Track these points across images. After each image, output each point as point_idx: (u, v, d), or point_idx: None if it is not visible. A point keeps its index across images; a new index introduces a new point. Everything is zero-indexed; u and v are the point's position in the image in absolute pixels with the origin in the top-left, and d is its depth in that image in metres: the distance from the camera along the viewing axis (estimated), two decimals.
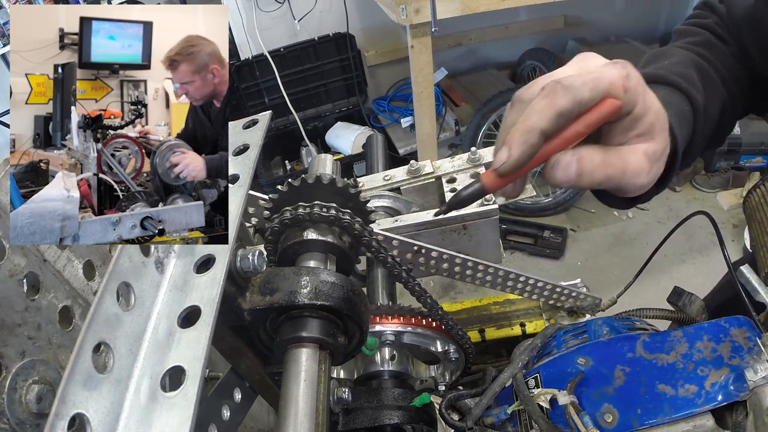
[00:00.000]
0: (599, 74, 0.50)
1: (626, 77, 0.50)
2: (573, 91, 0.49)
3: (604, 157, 0.53)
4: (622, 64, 0.52)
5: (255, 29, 3.40)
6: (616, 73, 0.50)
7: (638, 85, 0.52)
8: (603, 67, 0.52)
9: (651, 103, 0.53)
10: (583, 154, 0.52)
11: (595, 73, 0.50)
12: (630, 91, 0.51)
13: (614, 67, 0.51)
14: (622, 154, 0.54)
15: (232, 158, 0.66)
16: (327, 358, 0.59)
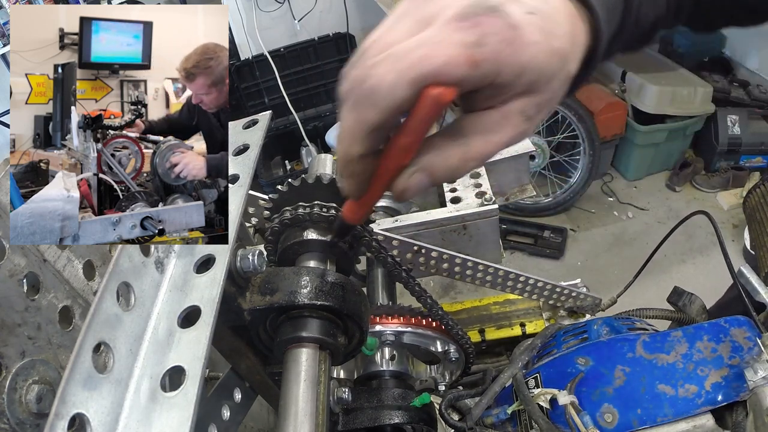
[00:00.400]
0: (422, 58, 0.36)
1: (475, 44, 0.36)
2: (380, 99, 0.36)
3: (463, 152, 0.41)
4: (474, 19, 0.36)
5: (255, 29, 3.40)
6: (454, 47, 0.36)
7: (501, 48, 0.37)
8: (439, 32, 0.37)
9: (530, 61, 0.38)
10: (432, 163, 0.41)
11: (416, 53, 0.36)
12: (485, 62, 0.36)
13: (456, 31, 0.36)
14: (488, 128, 0.41)
15: (232, 158, 0.66)
16: (327, 358, 0.59)
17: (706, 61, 3.74)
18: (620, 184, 3.62)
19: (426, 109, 0.37)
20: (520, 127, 0.41)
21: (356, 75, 0.38)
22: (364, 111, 0.38)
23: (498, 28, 0.36)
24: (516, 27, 0.37)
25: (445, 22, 0.37)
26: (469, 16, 0.36)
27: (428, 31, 0.37)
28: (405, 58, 0.36)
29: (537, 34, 0.38)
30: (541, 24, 0.38)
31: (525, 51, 0.38)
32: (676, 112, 3.20)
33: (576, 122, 3.09)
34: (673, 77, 3.27)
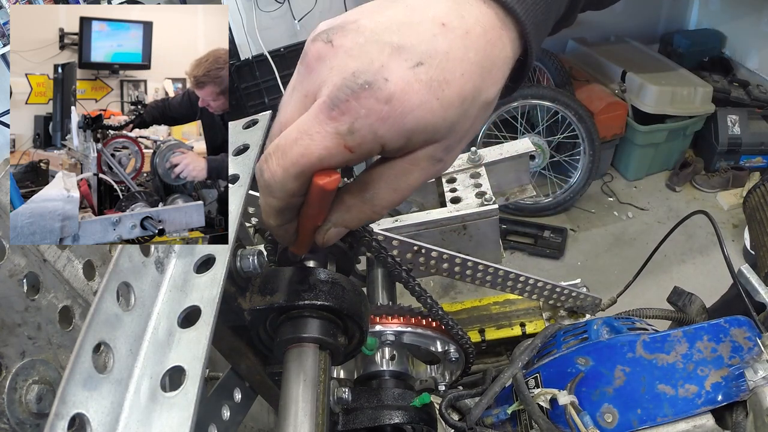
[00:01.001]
0: (300, 156, 0.37)
1: (348, 132, 0.36)
2: (276, 190, 0.40)
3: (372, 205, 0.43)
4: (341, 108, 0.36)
5: (255, 29, 3.40)
6: (327, 141, 0.37)
7: (377, 127, 0.37)
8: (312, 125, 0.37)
9: (415, 124, 0.37)
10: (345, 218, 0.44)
11: (296, 150, 0.38)
12: (363, 145, 0.37)
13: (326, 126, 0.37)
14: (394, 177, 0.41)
15: (232, 158, 0.66)
16: (327, 358, 0.59)
17: (706, 61, 3.75)
18: (620, 184, 3.62)
19: (317, 196, 0.41)
20: (429, 170, 0.42)
21: (258, 166, 0.41)
22: (268, 198, 0.42)
23: (368, 108, 0.36)
24: (390, 99, 0.36)
25: (319, 110, 0.37)
26: (338, 102, 0.36)
27: (306, 119, 0.38)
28: (288, 155, 0.38)
29: (422, 92, 0.37)
30: (430, 76, 0.37)
31: (405, 119, 0.37)
32: (676, 112, 3.21)
33: (576, 122, 3.10)
34: (673, 77, 3.27)
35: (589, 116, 3.09)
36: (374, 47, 0.37)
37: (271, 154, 0.40)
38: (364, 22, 0.38)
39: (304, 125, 0.38)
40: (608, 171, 3.66)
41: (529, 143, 1.06)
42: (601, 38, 4.09)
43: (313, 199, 0.41)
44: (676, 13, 4.18)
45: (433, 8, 0.38)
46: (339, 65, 0.37)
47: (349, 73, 0.36)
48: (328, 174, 0.39)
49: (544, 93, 3.06)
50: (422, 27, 0.38)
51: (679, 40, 3.83)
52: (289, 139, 0.38)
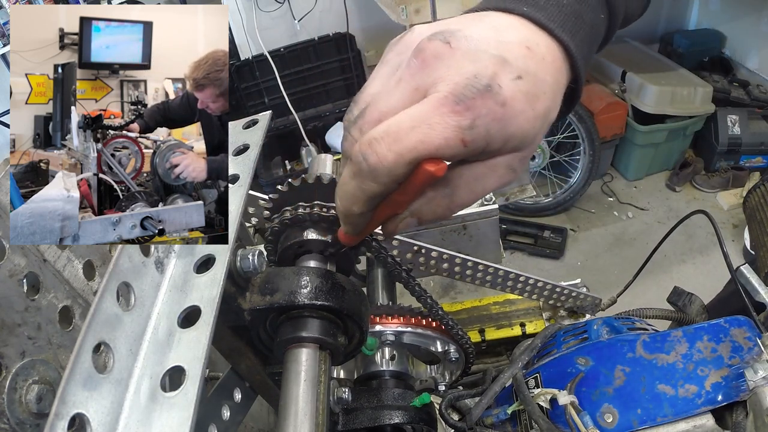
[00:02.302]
0: (419, 140, 0.38)
1: (468, 128, 0.38)
2: (381, 175, 0.40)
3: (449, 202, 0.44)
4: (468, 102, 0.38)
5: (255, 29, 3.40)
6: (450, 131, 0.38)
7: (491, 126, 0.39)
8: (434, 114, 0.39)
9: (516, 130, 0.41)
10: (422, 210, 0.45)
11: (414, 135, 0.38)
12: (477, 140, 0.39)
13: (448, 119, 0.38)
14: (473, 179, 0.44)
15: (232, 158, 0.66)
16: (327, 358, 0.59)
17: (706, 61, 3.74)
18: (620, 184, 3.62)
19: (422, 181, 0.40)
20: (505, 178, 0.45)
21: (360, 150, 0.40)
22: (366, 183, 0.41)
23: (489, 108, 0.39)
24: (505, 103, 0.40)
25: (440, 103, 0.39)
26: (464, 99, 0.38)
27: (424, 109, 0.39)
28: (404, 140, 0.39)
29: (523, 102, 0.41)
30: (528, 89, 0.41)
31: (512, 123, 0.40)
32: (676, 112, 3.20)
33: (576, 122, 3.09)
34: (673, 77, 3.27)
35: (589, 116, 3.09)
36: (485, 56, 0.40)
37: (378, 139, 0.40)
38: (469, 32, 0.41)
39: (421, 115, 0.39)
40: (608, 171, 3.66)
41: None
42: None
43: (414, 187, 0.41)
44: (676, 13, 4.18)
45: (516, 32, 0.42)
46: (458, 66, 0.40)
47: (471, 74, 0.39)
48: (436, 162, 0.39)
49: None
50: (514, 46, 0.41)
51: (679, 40, 3.82)
52: (403, 127, 0.39)
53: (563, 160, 3.27)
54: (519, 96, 0.40)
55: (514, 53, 0.41)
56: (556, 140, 3.18)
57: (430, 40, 0.41)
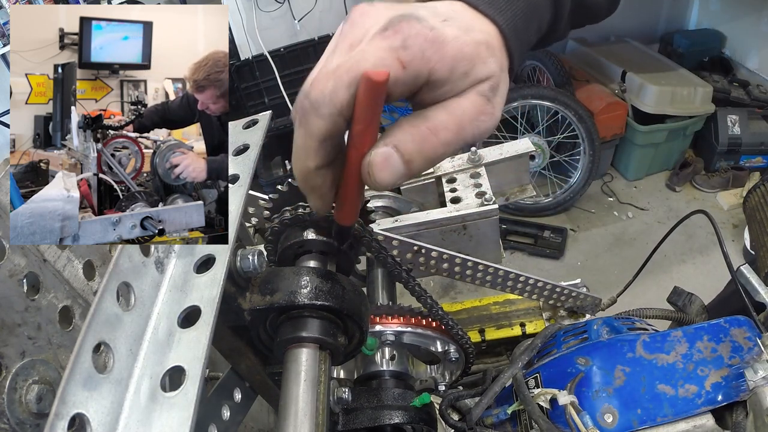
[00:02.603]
0: (354, 63, 0.39)
1: (401, 47, 0.39)
2: (323, 107, 0.39)
3: (430, 125, 0.42)
4: (396, 27, 0.39)
5: (255, 29, 3.40)
6: (382, 49, 0.39)
7: (426, 47, 0.40)
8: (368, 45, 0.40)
9: (457, 53, 0.41)
10: (399, 138, 0.42)
11: (350, 62, 0.39)
12: (413, 61, 0.39)
13: (382, 39, 0.39)
14: (450, 109, 0.42)
15: (232, 158, 0.66)
16: (327, 358, 0.59)
17: (706, 61, 3.74)
18: (620, 184, 3.62)
19: (367, 92, 0.38)
20: (479, 103, 0.43)
21: (299, 97, 0.41)
22: (311, 123, 0.40)
23: (418, 30, 0.40)
24: (433, 28, 0.40)
25: (371, 37, 0.40)
26: (390, 25, 0.40)
27: (358, 47, 0.40)
28: (339, 68, 0.39)
29: (455, 31, 0.42)
30: (458, 25, 0.42)
31: (448, 46, 0.41)
32: (676, 112, 3.20)
33: (576, 122, 3.09)
34: (673, 77, 3.27)
35: (589, 116, 3.09)
36: (410, 7, 0.42)
37: (317, 78, 0.40)
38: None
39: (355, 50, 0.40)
40: (608, 171, 3.66)
41: (529, 143, 1.06)
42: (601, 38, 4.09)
43: (362, 104, 0.39)
44: (676, 13, 4.18)
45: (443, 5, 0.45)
46: (384, 15, 0.41)
47: (396, 13, 0.41)
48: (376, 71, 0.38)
49: (544, 93, 3.06)
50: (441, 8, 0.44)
51: (679, 40, 3.82)
52: (338, 61, 0.40)
53: (563, 160, 3.27)
54: (449, 27, 0.41)
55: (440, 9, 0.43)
56: (556, 140, 3.18)
57: (356, 7, 0.43)
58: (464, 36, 0.42)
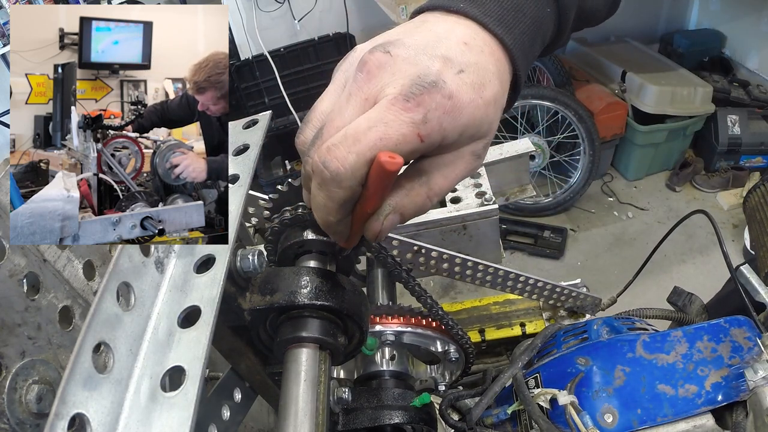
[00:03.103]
0: (377, 137, 0.40)
1: (422, 122, 0.40)
2: (345, 180, 0.41)
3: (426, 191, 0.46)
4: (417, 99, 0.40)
5: (255, 29, 3.40)
6: (404, 124, 0.40)
7: (444, 119, 0.42)
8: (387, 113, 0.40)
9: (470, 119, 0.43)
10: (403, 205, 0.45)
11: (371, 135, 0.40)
12: (431, 134, 0.41)
13: (403, 112, 0.40)
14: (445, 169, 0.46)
15: (232, 158, 0.66)
16: (327, 358, 0.59)
17: (706, 61, 3.74)
18: (620, 184, 3.62)
19: (381, 175, 0.41)
20: (472, 164, 0.47)
21: (318, 159, 0.41)
22: (332, 190, 0.42)
23: (438, 102, 0.41)
24: (452, 96, 0.42)
25: (391, 102, 0.41)
26: (412, 96, 0.40)
27: (377, 110, 0.41)
28: (362, 140, 0.40)
29: (470, 92, 0.43)
30: (472, 80, 0.44)
31: (463, 113, 0.43)
32: (676, 112, 3.20)
33: (576, 122, 3.09)
34: (673, 77, 3.27)
35: (589, 116, 3.09)
36: (425, 57, 0.42)
37: (336, 144, 0.41)
38: (407, 40, 0.44)
39: (376, 116, 0.41)
40: (608, 171, 3.66)
41: (529, 143, 1.06)
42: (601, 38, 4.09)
43: (374, 182, 0.41)
44: (676, 13, 4.18)
45: (453, 32, 0.45)
46: (402, 71, 0.42)
47: (415, 75, 0.41)
48: (391, 155, 0.40)
49: (544, 93, 3.06)
50: (452, 44, 0.44)
51: (679, 40, 3.82)
52: (360, 128, 0.40)
53: (563, 160, 3.27)
54: (464, 87, 0.43)
55: (453, 51, 0.44)
56: (556, 140, 3.18)
57: (372, 53, 0.43)
58: (477, 99, 0.44)
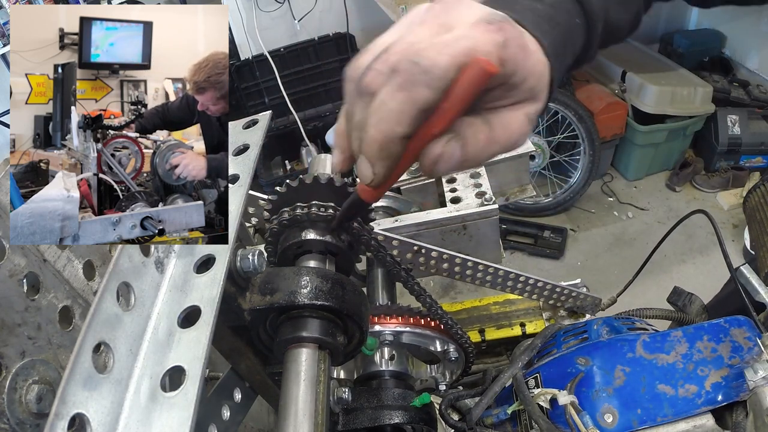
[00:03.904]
0: (468, 46, 0.39)
1: (502, 45, 0.40)
2: (436, 78, 0.38)
3: (489, 133, 0.44)
4: (498, 24, 0.41)
5: (255, 29, 3.40)
6: (489, 42, 0.39)
7: (518, 52, 0.42)
8: (473, 31, 0.40)
9: (533, 67, 0.44)
10: (466, 134, 0.43)
11: (462, 42, 0.39)
12: (508, 61, 0.41)
13: (488, 32, 0.40)
14: (504, 123, 0.44)
15: (232, 158, 0.66)
16: (327, 358, 0.59)
17: (706, 61, 3.74)
18: (620, 184, 3.62)
19: (474, 78, 0.38)
20: (524, 126, 0.46)
21: (404, 56, 0.39)
22: (419, 90, 0.39)
23: (515, 33, 0.42)
24: (522, 35, 0.44)
25: (473, 24, 0.40)
26: (495, 21, 0.41)
27: (461, 29, 0.40)
28: (454, 45, 0.39)
29: (533, 44, 0.45)
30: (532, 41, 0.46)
31: (530, 58, 0.44)
32: (676, 112, 3.20)
33: (576, 122, 3.09)
34: (673, 77, 3.27)
35: (589, 116, 3.09)
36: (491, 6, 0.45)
37: (425, 47, 0.39)
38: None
39: (462, 32, 0.40)
40: (608, 171, 3.66)
41: (529, 143, 1.06)
42: None
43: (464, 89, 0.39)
44: (676, 13, 4.18)
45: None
46: (477, 7, 0.43)
47: (489, 10, 0.43)
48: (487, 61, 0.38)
49: None
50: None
51: (679, 40, 3.82)
52: (449, 37, 0.39)
53: (563, 160, 3.27)
54: (528, 39, 0.45)
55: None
56: (556, 140, 3.18)
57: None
58: (539, 54, 0.45)
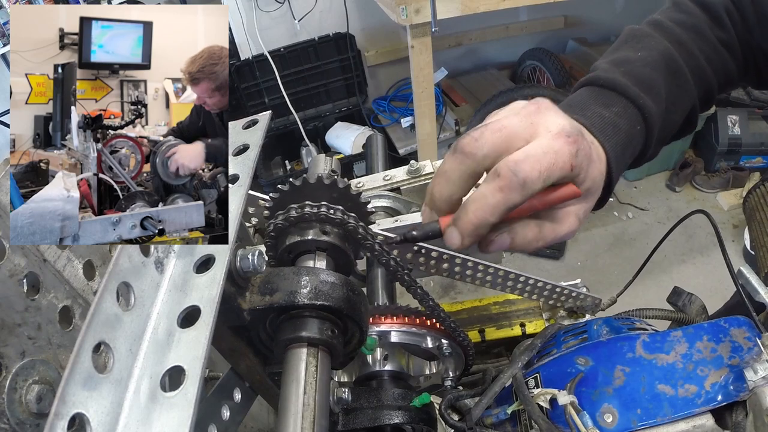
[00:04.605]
0: (552, 162, 0.49)
1: (575, 155, 0.50)
2: (528, 187, 0.48)
3: (538, 232, 0.54)
4: (575, 136, 0.51)
5: (255, 29, 3.40)
6: (567, 154, 0.50)
7: (584, 160, 0.52)
8: (555, 142, 0.50)
9: (591, 172, 0.54)
10: (517, 231, 0.54)
11: (548, 158, 0.49)
12: (576, 168, 0.51)
13: (566, 144, 0.50)
14: (554, 222, 0.55)
15: (232, 158, 0.66)
16: (327, 358, 0.59)
17: None
18: (620, 184, 3.62)
19: (564, 195, 0.53)
20: (573, 225, 0.56)
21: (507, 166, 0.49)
22: (513, 195, 0.49)
23: (584, 145, 0.52)
24: (591, 146, 0.54)
25: (556, 135, 0.51)
26: (572, 134, 0.51)
27: (547, 139, 0.50)
28: (542, 161, 0.49)
29: (596, 154, 0.56)
30: (596, 150, 0.57)
31: (593, 165, 0.55)
32: None
33: None
34: None
35: None
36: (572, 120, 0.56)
37: (521, 160, 0.48)
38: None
39: (548, 144, 0.50)
40: None
41: None
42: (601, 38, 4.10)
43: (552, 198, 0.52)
44: None
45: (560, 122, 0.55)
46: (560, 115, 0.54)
47: (569, 122, 0.53)
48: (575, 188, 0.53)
49: (544, 93, 3.06)
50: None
51: None
52: (538, 152, 0.49)
53: None
54: (593, 148, 0.55)
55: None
56: None
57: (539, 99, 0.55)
58: (599, 163, 0.56)
